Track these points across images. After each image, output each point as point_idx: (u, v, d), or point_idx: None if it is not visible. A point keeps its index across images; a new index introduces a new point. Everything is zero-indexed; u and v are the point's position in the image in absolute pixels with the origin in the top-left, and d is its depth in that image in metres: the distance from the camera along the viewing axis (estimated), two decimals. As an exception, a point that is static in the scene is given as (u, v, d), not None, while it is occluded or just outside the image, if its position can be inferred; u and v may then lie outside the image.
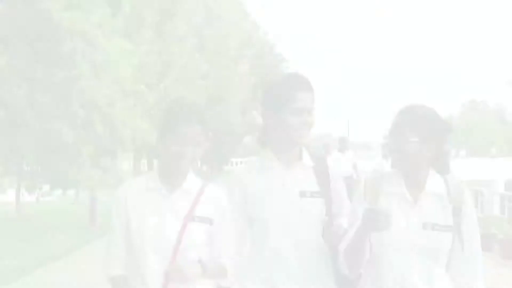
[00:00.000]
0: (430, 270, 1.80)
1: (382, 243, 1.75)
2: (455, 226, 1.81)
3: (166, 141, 1.82)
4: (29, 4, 6.35)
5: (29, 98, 6.41)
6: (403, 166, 1.85)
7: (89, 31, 6.96)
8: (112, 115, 7.74)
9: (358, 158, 13.16)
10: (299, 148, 1.93)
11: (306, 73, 2.06)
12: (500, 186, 13.77)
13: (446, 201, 1.84)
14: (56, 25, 6.58)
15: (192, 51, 21.10)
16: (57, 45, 6.65)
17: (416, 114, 1.83)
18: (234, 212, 1.88)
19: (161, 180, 1.84)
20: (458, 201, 1.84)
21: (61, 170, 11.42)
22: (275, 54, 33.96)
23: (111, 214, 1.85)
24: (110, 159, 26.81)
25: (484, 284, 1.86)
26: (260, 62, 31.85)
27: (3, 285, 6.38)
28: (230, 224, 1.88)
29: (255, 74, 28.33)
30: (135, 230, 1.79)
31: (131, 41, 18.05)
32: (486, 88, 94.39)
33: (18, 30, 6.39)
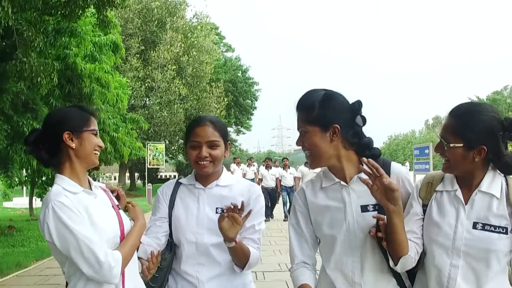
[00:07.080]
0: (478, 273, 1.60)
1: (430, 239, 1.67)
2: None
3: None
4: (62, 59, 8.65)
5: (62, 127, 8.68)
6: (452, 172, 1.70)
7: (102, 77, 9.25)
8: (116, 137, 10.05)
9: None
10: (358, 161, 1.83)
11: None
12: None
13: (503, 202, 1.62)
14: (80, 74, 8.83)
15: (172, 76, 23.03)
16: (80, 88, 8.65)
17: (461, 118, 1.63)
18: (300, 221, 1.91)
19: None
20: None
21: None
22: (247, 78, 35.29)
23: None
24: (97, 172, 28.71)
25: None
26: (234, 85, 33.43)
27: (49, 256, 7.92)
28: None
29: (228, 96, 30.03)
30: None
31: (119, 68, 20.17)
32: (450, 105, 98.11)
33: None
